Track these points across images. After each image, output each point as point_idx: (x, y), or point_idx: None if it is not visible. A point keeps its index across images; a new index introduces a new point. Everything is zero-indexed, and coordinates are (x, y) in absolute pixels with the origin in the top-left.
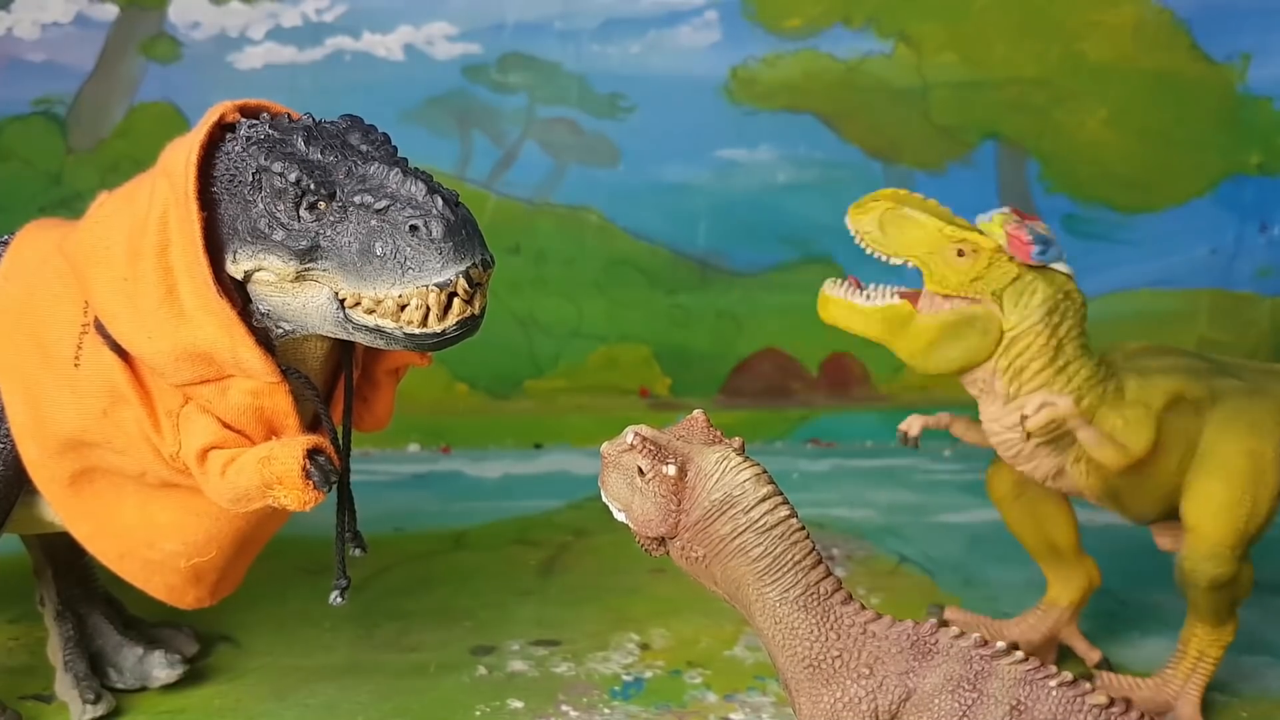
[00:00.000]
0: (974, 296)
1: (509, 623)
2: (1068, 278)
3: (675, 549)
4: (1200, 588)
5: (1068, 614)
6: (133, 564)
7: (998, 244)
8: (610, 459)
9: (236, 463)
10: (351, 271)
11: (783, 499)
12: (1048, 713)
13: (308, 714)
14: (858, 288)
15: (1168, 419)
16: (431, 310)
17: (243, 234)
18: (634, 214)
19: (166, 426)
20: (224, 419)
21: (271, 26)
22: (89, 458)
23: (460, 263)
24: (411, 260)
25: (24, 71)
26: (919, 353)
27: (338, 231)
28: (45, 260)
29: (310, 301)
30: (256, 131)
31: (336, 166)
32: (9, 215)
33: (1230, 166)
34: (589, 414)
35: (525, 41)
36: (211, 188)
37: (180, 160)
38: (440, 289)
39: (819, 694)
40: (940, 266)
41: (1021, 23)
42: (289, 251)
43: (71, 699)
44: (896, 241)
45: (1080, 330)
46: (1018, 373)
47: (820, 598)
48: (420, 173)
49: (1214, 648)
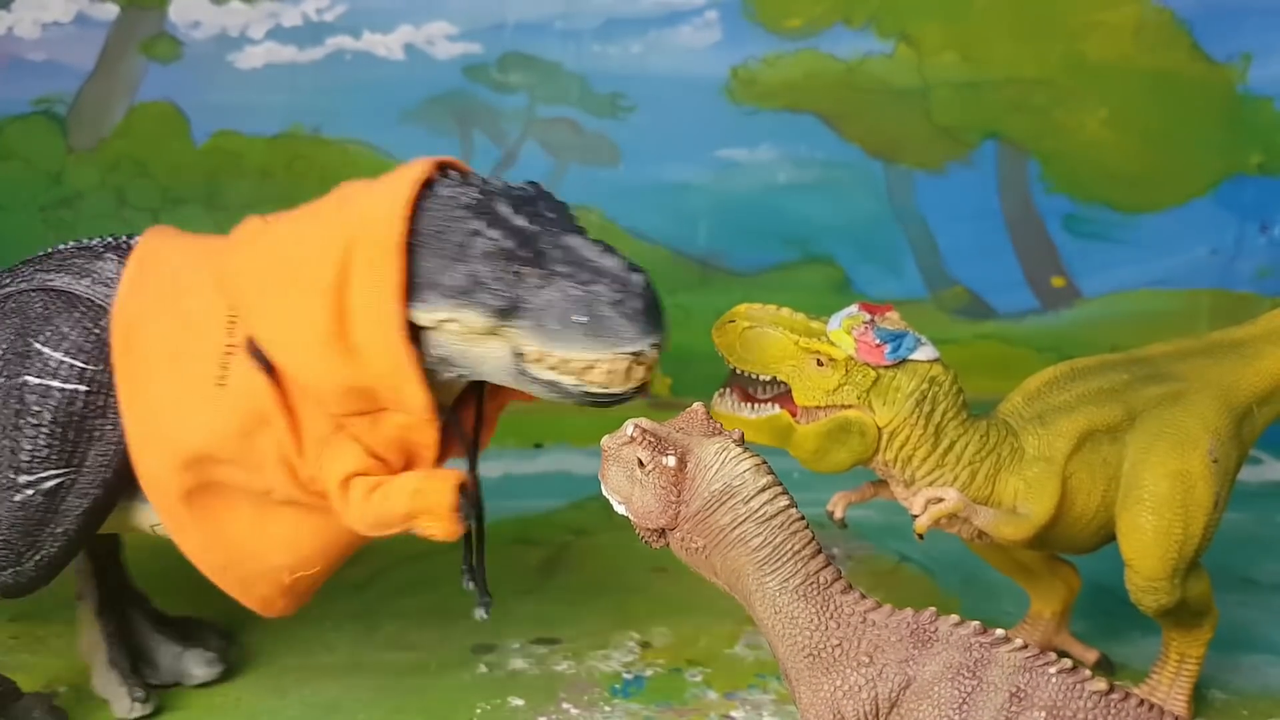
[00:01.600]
0: (842, 404)
1: (510, 621)
2: (931, 364)
3: (675, 540)
4: (1152, 612)
5: (1054, 623)
6: (235, 575)
7: (849, 353)
8: (610, 452)
9: (382, 490)
10: (546, 333)
11: (782, 489)
12: (1047, 699)
13: (309, 712)
14: (743, 399)
15: (1081, 458)
16: (615, 374)
17: (444, 287)
18: (634, 214)
19: (311, 451)
20: (371, 448)
21: (272, 26)
22: (212, 473)
23: (650, 336)
24: (609, 329)
25: (24, 71)
26: (809, 459)
27: (538, 296)
28: (180, 273)
29: (490, 353)
30: (464, 194)
31: (540, 236)
32: (9, 215)
33: (1230, 166)
34: (589, 414)
35: (526, 41)
36: (408, 239)
37: (382, 210)
38: (633, 357)
39: (819, 683)
40: (803, 380)
41: (1022, 23)
42: (490, 309)
43: (118, 695)
44: (759, 359)
45: (956, 409)
46: (906, 462)
47: (820, 587)
48: (612, 248)
49: (1194, 647)
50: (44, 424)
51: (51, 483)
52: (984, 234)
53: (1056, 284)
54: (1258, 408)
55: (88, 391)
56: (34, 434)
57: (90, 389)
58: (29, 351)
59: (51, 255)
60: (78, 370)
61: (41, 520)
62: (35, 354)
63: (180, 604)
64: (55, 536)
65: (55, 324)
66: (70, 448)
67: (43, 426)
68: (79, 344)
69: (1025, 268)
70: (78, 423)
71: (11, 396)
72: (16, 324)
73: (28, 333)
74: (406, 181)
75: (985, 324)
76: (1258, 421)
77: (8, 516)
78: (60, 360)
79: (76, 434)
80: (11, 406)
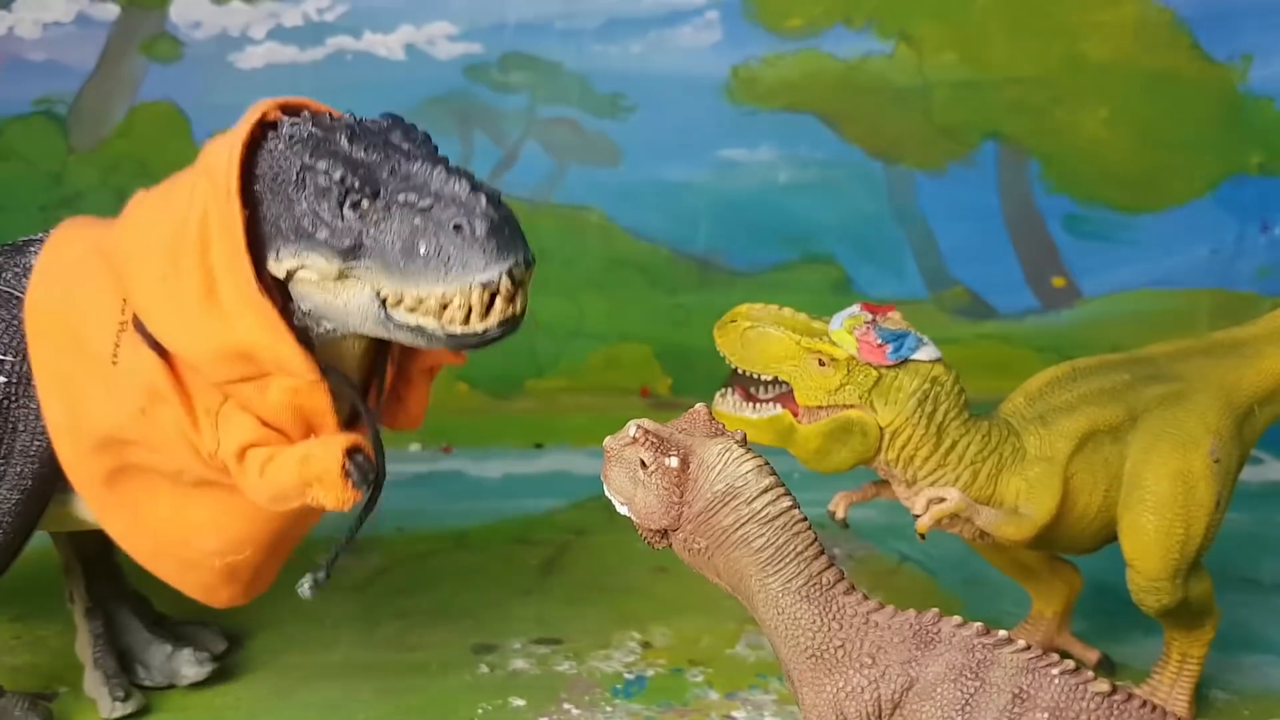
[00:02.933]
0: (844, 404)
1: (510, 621)
2: (933, 364)
3: (678, 541)
4: (1153, 612)
5: (1055, 623)
6: (167, 562)
7: (850, 354)
8: (613, 453)
9: (275, 461)
10: (394, 270)
11: (785, 490)
12: (1050, 700)
13: (309, 712)
14: (745, 399)
15: (1082, 458)
16: (474, 309)
17: (286, 232)
18: (635, 214)
19: (205, 425)
20: (263, 417)
21: (273, 26)
22: (124, 455)
23: (503, 261)
24: (455, 259)
25: (25, 71)
26: (810, 459)
27: (381, 230)
28: (83, 258)
29: (352, 300)
30: (299, 130)
31: (380, 165)
32: (9, 215)
33: (1230, 166)
34: (590, 414)
35: (526, 41)
36: (254, 186)
37: (221, 159)
38: (484, 288)
39: (822, 684)
40: (805, 380)
41: (1022, 23)
42: (332, 250)
43: (101, 695)
44: (760, 359)
45: (958, 409)
46: (908, 461)
47: (823, 588)
48: (463, 171)
49: (1195, 648)
50: None
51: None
52: (984, 234)
53: (1057, 284)
54: (1259, 408)
55: (6, 383)
56: None
57: (9, 379)
58: None
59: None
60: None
61: None
62: None
63: (186, 606)
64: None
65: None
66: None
67: None
68: (2, 338)
69: (1025, 268)
70: (1, 415)
71: None
72: None
73: None
74: (242, 124)
75: (986, 324)
76: (1259, 422)
77: None
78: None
79: (0, 426)
80: None
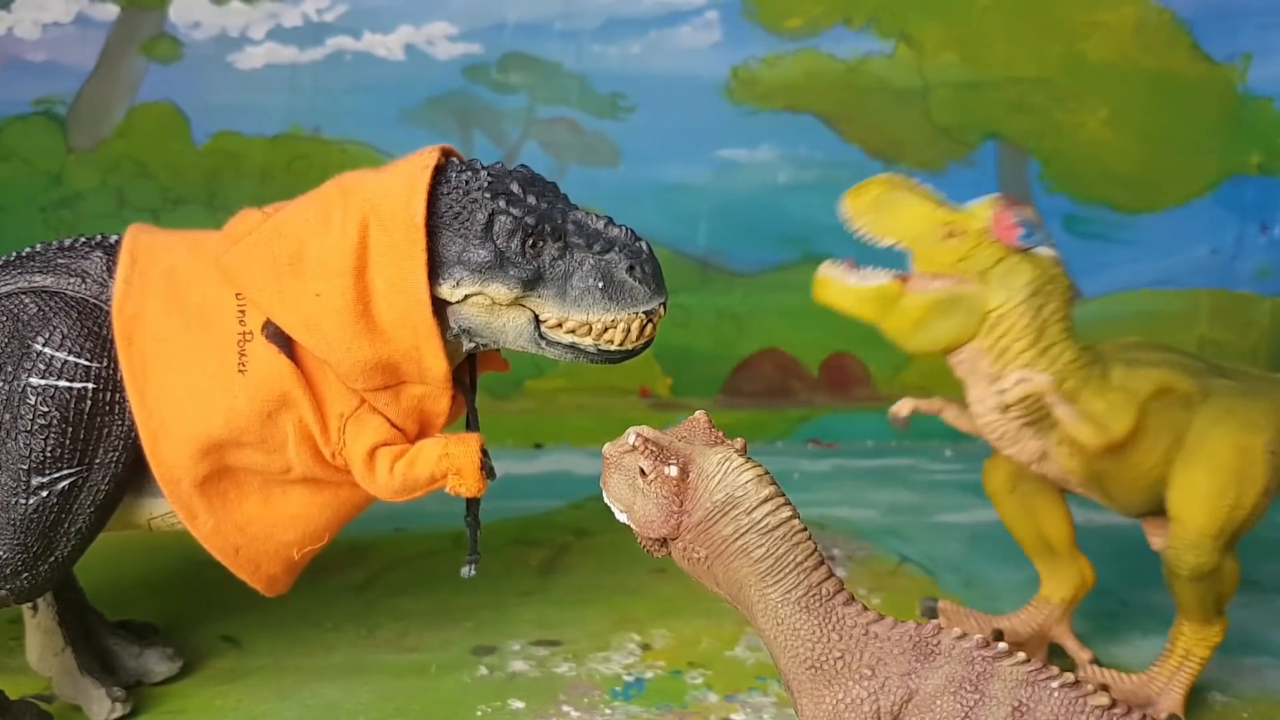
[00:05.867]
0: (960, 276)
1: (510, 623)
2: (1054, 262)
3: (677, 550)
4: (1182, 578)
5: (1059, 611)
6: (246, 556)
7: (983, 226)
8: (612, 460)
9: (408, 457)
10: (567, 299)
11: (785, 500)
12: (1050, 714)
13: (309, 714)
14: (853, 268)
15: (1154, 408)
16: (631, 332)
17: (469, 264)
18: (634, 214)
19: (334, 427)
20: (393, 420)
21: (272, 26)
22: (229, 458)
23: (660, 296)
24: (627, 293)
25: (24, 71)
26: (906, 331)
27: (557, 266)
28: (188, 270)
29: (510, 322)
30: (477, 178)
31: (552, 211)
32: (9, 215)
33: (1230, 166)
34: (589, 414)
35: (526, 41)
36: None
37: (399, 194)
38: (646, 316)
39: (821, 695)
40: (928, 247)
41: (1022, 23)
42: (516, 281)
43: (95, 698)
44: (888, 224)
45: (1065, 314)
46: (1002, 352)
47: (822, 599)
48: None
49: (1200, 647)
50: (53, 424)
51: (65, 482)
52: None
53: None
54: None
55: (95, 389)
56: (44, 435)
57: (98, 385)
58: (28, 353)
59: (31, 257)
60: (84, 368)
61: (56, 521)
62: (36, 355)
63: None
64: (69, 536)
65: (53, 324)
66: (81, 446)
67: (52, 427)
68: (81, 342)
69: None
70: (87, 420)
71: (14, 399)
72: (9, 327)
73: (24, 335)
74: (420, 167)
75: None
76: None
77: (23, 519)
78: (65, 359)
79: (86, 431)
80: (15, 409)
